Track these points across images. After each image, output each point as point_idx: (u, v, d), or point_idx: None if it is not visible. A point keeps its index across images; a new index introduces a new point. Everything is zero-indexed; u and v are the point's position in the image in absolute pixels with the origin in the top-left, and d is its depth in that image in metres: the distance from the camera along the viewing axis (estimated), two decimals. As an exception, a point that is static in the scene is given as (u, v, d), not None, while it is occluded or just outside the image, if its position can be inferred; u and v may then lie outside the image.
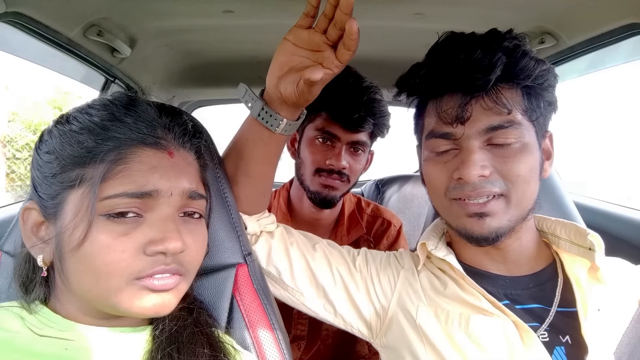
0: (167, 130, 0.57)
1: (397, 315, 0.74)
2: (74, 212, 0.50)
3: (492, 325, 0.66)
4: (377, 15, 1.14)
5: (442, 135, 0.69)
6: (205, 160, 0.64)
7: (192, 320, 0.59)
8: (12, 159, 7.34)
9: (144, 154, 0.53)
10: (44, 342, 0.51)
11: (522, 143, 0.66)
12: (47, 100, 7.77)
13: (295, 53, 0.63)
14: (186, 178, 0.56)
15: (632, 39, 1.04)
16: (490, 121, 0.65)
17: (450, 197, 0.69)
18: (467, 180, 0.65)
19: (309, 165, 1.13)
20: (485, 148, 0.66)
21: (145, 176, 0.52)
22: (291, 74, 0.63)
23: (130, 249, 0.50)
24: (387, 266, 0.80)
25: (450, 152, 0.69)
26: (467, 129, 0.66)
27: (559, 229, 0.74)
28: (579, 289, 0.68)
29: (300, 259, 0.79)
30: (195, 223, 0.58)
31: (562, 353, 0.65)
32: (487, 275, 0.73)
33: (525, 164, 0.66)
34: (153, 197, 0.52)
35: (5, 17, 0.90)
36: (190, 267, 0.56)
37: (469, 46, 0.65)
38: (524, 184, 0.66)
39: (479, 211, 0.66)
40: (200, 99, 2.17)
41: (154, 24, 1.23)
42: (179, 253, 0.53)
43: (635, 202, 1.49)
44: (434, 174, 0.71)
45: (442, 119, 0.68)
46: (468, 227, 0.68)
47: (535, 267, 0.73)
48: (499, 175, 0.66)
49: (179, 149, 0.57)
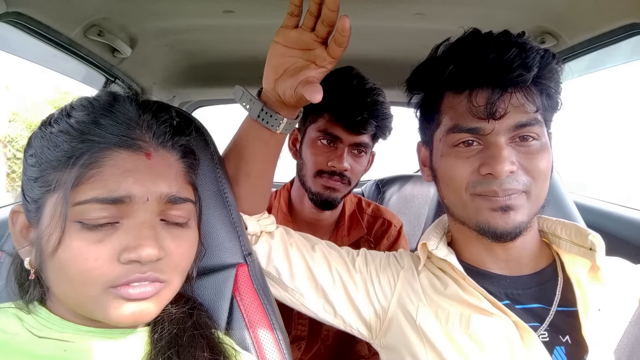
0: (146, 130, 0.54)
1: (397, 316, 0.74)
2: (50, 217, 0.49)
3: (492, 325, 0.66)
4: (377, 15, 1.14)
5: (470, 129, 0.68)
6: (192, 160, 0.60)
7: (192, 323, 0.59)
8: (12, 159, 7.34)
9: (118, 157, 0.50)
10: (42, 344, 0.51)
11: (542, 141, 0.68)
12: (48, 100, 7.77)
13: (286, 54, 0.63)
14: (164, 181, 0.53)
15: (632, 39, 1.03)
16: (519, 118, 0.66)
17: (473, 192, 0.69)
18: (498, 176, 0.65)
19: (311, 167, 1.13)
20: (511, 144, 0.67)
21: (118, 181, 0.49)
22: (287, 79, 0.63)
23: (104, 256, 0.48)
24: (386, 267, 0.80)
25: (474, 147, 0.69)
26: (498, 124, 0.66)
27: (560, 229, 0.75)
28: (580, 289, 0.68)
29: (299, 260, 0.79)
30: (180, 228, 0.55)
31: (562, 353, 0.65)
32: (488, 275, 0.73)
33: (546, 160, 0.68)
34: (126, 203, 0.49)
35: (6, 17, 0.90)
36: (174, 274, 0.53)
37: (502, 43, 0.66)
38: (544, 180, 0.68)
39: (505, 204, 0.66)
40: (200, 99, 2.17)
41: (154, 24, 1.23)
42: (157, 260, 0.50)
43: (634, 202, 1.48)
44: (456, 169, 0.70)
45: (472, 113, 0.67)
46: (492, 222, 0.67)
47: (536, 266, 0.73)
48: (523, 172, 0.67)
49: (158, 150, 0.54)
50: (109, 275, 0.48)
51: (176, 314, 0.58)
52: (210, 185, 0.71)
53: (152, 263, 0.50)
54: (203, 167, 0.70)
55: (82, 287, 0.49)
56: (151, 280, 0.50)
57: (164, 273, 0.52)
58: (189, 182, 0.58)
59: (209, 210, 0.70)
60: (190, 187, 0.58)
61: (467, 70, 0.68)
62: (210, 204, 0.70)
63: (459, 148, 0.70)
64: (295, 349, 1.20)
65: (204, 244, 0.66)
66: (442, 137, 0.72)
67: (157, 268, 0.51)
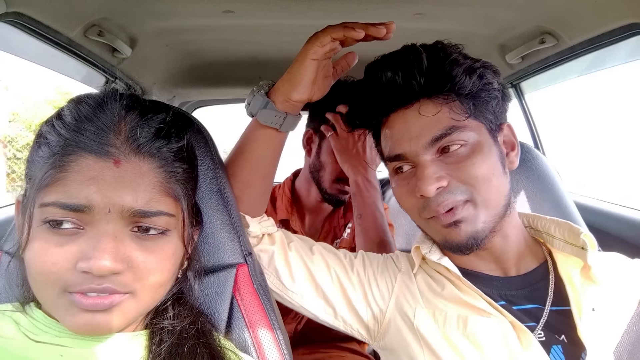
0: (120, 134, 0.50)
1: (395, 319, 0.74)
2: (23, 215, 0.49)
3: (489, 326, 0.66)
4: (377, 15, 1.13)
5: (395, 157, 0.70)
6: (178, 169, 0.54)
7: (195, 331, 0.57)
8: (12, 159, 7.34)
9: (83, 163, 0.47)
10: (39, 349, 0.50)
11: (471, 144, 0.66)
12: (48, 100, 7.77)
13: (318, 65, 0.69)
14: (131, 194, 0.48)
15: (632, 39, 1.03)
16: (432, 133, 0.66)
17: (424, 217, 0.70)
18: (427, 196, 0.65)
19: (330, 172, 1.25)
20: (437, 159, 0.67)
21: (80, 188, 0.47)
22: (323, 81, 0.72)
23: (61, 261, 0.46)
24: (384, 270, 0.80)
25: (407, 171, 0.71)
26: (414, 144, 0.67)
27: (554, 228, 0.74)
28: (572, 288, 0.68)
29: (299, 262, 0.79)
30: (154, 239, 0.51)
31: (559, 352, 0.64)
32: (481, 277, 0.73)
33: (481, 162, 0.66)
34: (86, 213, 0.47)
35: (6, 17, 0.90)
36: (143, 287, 0.50)
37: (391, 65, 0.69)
38: (485, 183, 0.66)
39: (452, 220, 0.66)
40: (200, 99, 2.17)
41: (154, 24, 1.23)
42: (115, 274, 0.47)
43: (632, 201, 1.48)
44: (403, 198, 0.72)
45: (392, 141, 0.70)
46: (448, 237, 0.68)
47: (527, 266, 0.72)
48: (458, 182, 0.66)
49: (130, 157, 0.49)
50: (65, 280, 0.47)
51: (177, 321, 0.57)
52: (210, 185, 0.71)
53: (112, 275, 0.47)
54: (203, 167, 0.70)
55: (43, 288, 0.48)
56: (110, 293, 0.47)
57: (126, 286, 0.49)
58: (167, 194, 0.52)
59: (209, 210, 0.70)
60: (170, 199, 0.53)
61: (370, 104, 0.73)
62: (210, 204, 0.70)
63: (397, 176, 0.73)
64: (294, 322, 1.25)
65: (198, 251, 0.65)
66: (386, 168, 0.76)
67: (117, 281, 0.48)
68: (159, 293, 0.54)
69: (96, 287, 0.47)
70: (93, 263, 0.45)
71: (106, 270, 0.46)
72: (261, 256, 0.79)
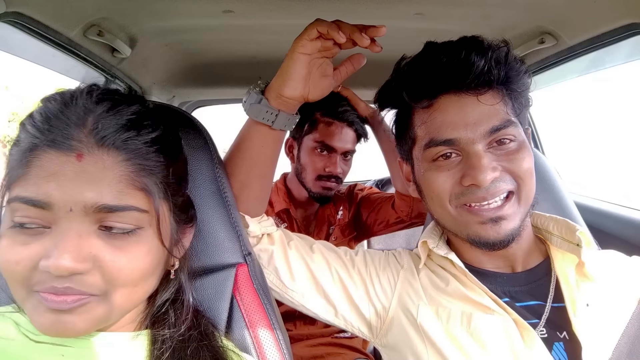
0: (85, 127, 0.47)
1: (398, 316, 0.74)
2: None
3: (493, 323, 0.66)
4: (377, 15, 1.14)
5: (445, 142, 0.68)
6: (150, 160, 0.51)
7: (197, 335, 0.57)
8: (12, 159, 7.32)
9: (45, 158, 0.46)
10: (40, 349, 0.50)
11: (519, 141, 0.68)
12: (47, 100, 7.75)
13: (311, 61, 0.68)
14: (94, 189, 0.46)
15: (632, 39, 1.03)
16: (493, 122, 0.66)
17: (457, 204, 0.69)
18: (481, 185, 0.65)
19: (311, 172, 1.35)
20: (489, 151, 0.67)
21: (40, 184, 0.45)
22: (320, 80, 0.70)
23: (25, 260, 0.45)
24: (386, 266, 0.80)
25: (453, 159, 0.69)
26: (471, 132, 0.66)
27: (552, 225, 0.75)
28: (567, 285, 0.68)
29: (299, 261, 0.79)
30: (124, 237, 0.49)
31: (561, 349, 0.65)
32: (486, 274, 0.73)
33: (528, 158, 0.68)
34: (48, 210, 0.45)
35: (5, 17, 0.90)
36: (113, 288, 0.48)
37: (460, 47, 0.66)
38: (530, 178, 0.68)
39: (495, 215, 0.66)
40: (200, 99, 2.17)
41: (154, 24, 1.23)
42: (79, 274, 0.45)
43: (633, 201, 1.48)
44: (438, 182, 0.69)
45: (445, 124, 0.68)
46: (482, 233, 0.67)
47: (531, 263, 0.73)
48: (507, 174, 0.67)
49: (92, 150, 0.47)
50: (29, 279, 0.46)
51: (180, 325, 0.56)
52: (210, 184, 0.71)
53: (75, 275, 0.45)
54: (202, 166, 0.70)
55: (13, 287, 0.47)
56: (72, 294, 0.46)
57: (93, 287, 0.47)
58: (136, 188, 0.49)
59: (208, 210, 0.70)
60: (141, 193, 0.50)
61: (429, 79, 0.68)
62: (209, 204, 0.70)
63: (438, 162, 0.70)
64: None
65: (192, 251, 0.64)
66: (420, 153, 0.72)
67: (82, 281, 0.46)
68: (137, 294, 0.52)
69: (58, 286, 0.45)
70: (52, 262, 0.44)
71: (65, 270, 0.44)
72: (261, 256, 0.79)
